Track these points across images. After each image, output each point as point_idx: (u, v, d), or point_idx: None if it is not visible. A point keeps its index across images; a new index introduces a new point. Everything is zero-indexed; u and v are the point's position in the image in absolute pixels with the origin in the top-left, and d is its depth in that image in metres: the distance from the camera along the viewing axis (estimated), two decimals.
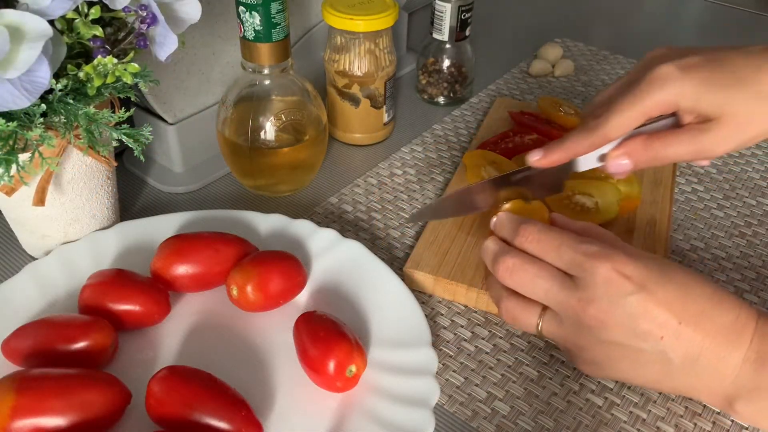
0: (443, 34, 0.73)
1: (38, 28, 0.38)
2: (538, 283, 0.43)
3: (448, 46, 0.75)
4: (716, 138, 0.44)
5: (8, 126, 0.40)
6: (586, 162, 0.48)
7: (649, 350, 0.40)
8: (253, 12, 0.52)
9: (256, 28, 0.53)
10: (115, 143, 0.47)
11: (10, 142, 0.41)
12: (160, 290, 0.48)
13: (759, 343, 0.39)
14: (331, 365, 0.42)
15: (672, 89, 0.44)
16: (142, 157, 0.49)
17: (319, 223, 0.60)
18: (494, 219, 0.48)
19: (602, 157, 0.47)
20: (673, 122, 0.47)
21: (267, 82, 0.58)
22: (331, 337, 0.43)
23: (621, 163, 0.47)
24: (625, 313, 0.40)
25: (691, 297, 0.40)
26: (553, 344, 0.50)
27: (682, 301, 0.40)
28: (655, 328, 0.39)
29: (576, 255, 0.42)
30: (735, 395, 0.40)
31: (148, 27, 0.43)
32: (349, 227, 0.60)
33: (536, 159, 0.48)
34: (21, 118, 0.42)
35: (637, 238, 0.57)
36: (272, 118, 0.58)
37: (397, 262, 0.57)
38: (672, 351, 0.40)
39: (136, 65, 0.44)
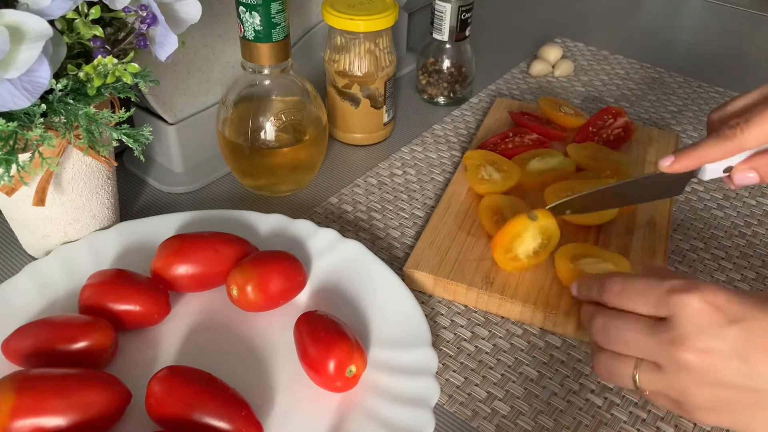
0: (443, 34, 0.73)
1: (38, 28, 0.38)
2: (627, 336, 0.40)
3: (448, 46, 0.75)
4: None
5: (8, 126, 0.40)
6: (713, 171, 0.48)
7: (764, 388, 0.36)
8: (253, 12, 0.52)
9: (256, 28, 0.53)
10: (115, 143, 0.47)
11: (10, 142, 0.41)
12: (160, 290, 0.48)
13: None
14: (331, 365, 0.42)
15: None
16: (142, 157, 0.49)
17: (319, 223, 0.60)
18: (574, 284, 0.47)
19: (727, 169, 0.47)
20: None
21: (267, 82, 0.58)
22: (332, 337, 0.43)
23: (748, 176, 0.46)
24: (727, 348, 0.36)
25: None
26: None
27: None
28: (765, 359, 0.35)
29: (661, 294, 0.38)
30: None
31: (148, 27, 0.43)
32: (349, 227, 0.60)
33: (667, 165, 0.48)
34: (21, 118, 0.42)
35: (637, 238, 0.57)
36: (272, 118, 0.58)
37: (397, 262, 0.57)
38: None
39: (136, 65, 0.44)
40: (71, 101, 0.43)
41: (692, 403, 0.38)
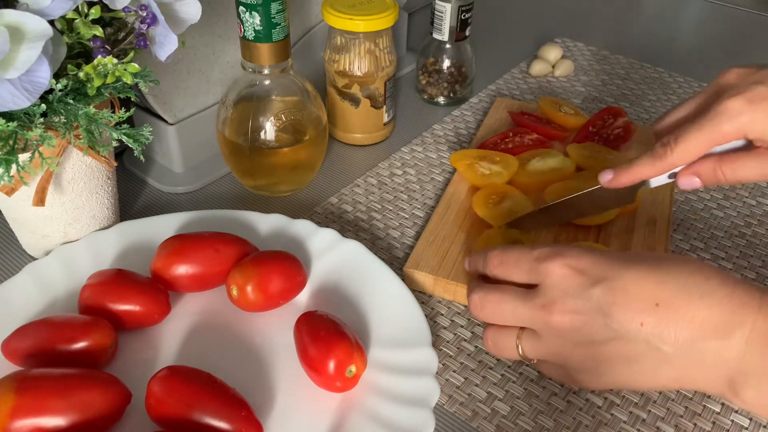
0: (443, 34, 0.73)
1: (38, 28, 0.38)
2: (503, 307, 0.42)
3: (448, 46, 0.75)
4: None
5: (8, 126, 0.40)
6: (658, 180, 0.49)
7: (633, 342, 0.37)
8: (253, 12, 0.52)
9: (256, 28, 0.53)
10: (115, 143, 0.47)
11: (10, 142, 0.41)
12: (160, 290, 0.48)
13: (765, 322, 0.36)
14: (331, 365, 0.42)
15: (740, 122, 0.44)
16: (142, 157, 0.49)
17: (319, 223, 0.60)
18: (466, 260, 0.49)
19: (672, 175, 0.48)
20: (744, 144, 0.46)
21: (267, 82, 0.58)
22: (332, 337, 0.43)
23: (692, 181, 0.47)
24: (593, 308, 0.38)
25: (666, 276, 0.37)
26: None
27: (655, 281, 0.37)
28: (630, 315, 0.37)
29: (532, 263, 0.41)
30: (741, 382, 0.36)
31: (148, 27, 0.43)
32: (349, 227, 0.60)
33: (607, 180, 0.50)
34: (21, 118, 0.42)
35: (637, 238, 0.57)
36: (272, 118, 0.58)
37: (397, 262, 0.57)
38: (658, 338, 0.37)
39: (136, 65, 0.44)
40: (71, 101, 0.43)
41: (572, 366, 0.40)
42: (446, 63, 0.76)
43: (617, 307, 0.37)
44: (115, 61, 0.42)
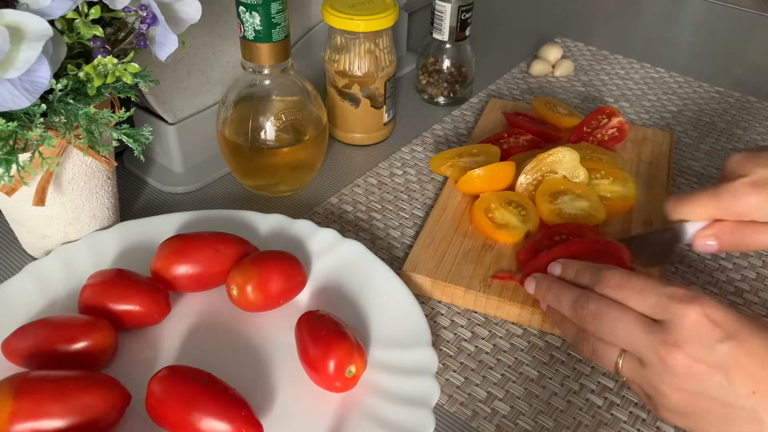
0: (443, 34, 0.73)
1: (38, 28, 0.38)
2: (621, 326, 0.41)
3: (448, 46, 0.75)
4: None
5: (8, 126, 0.40)
6: (687, 235, 0.49)
7: (738, 406, 0.37)
8: (253, 12, 0.52)
9: (256, 28, 0.53)
10: (115, 143, 0.47)
11: (10, 142, 0.41)
12: (160, 290, 0.48)
13: None
14: (331, 365, 0.42)
15: (741, 203, 0.45)
16: (142, 157, 0.49)
17: (319, 223, 0.60)
18: (561, 265, 0.48)
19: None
20: None
21: (267, 82, 0.58)
22: (332, 337, 0.43)
23: (708, 244, 0.48)
24: (715, 363, 0.37)
25: None
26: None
27: None
28: (747, 382, 0.37)
29: (661, 298, 0.40)
30: None
31: (148, 27, 0.43)
32: (349, 227, 0.60)
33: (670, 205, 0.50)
34: (21, 118, 0.42)
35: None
36: (272, 118, 0.58)
37: (397, 262, 0.57)
38: (764, 410, 0.37)
39: (136, 65, 0.44)
40: (71, 101, 0.43)
41: (664, 403, 0.40)
42: (446, 63, 0.76)
43: (737, 368, 0.37)
44: (115, 61, 0.42)
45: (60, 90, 0.43)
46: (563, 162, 0.60)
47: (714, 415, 0.38)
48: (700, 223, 0.48)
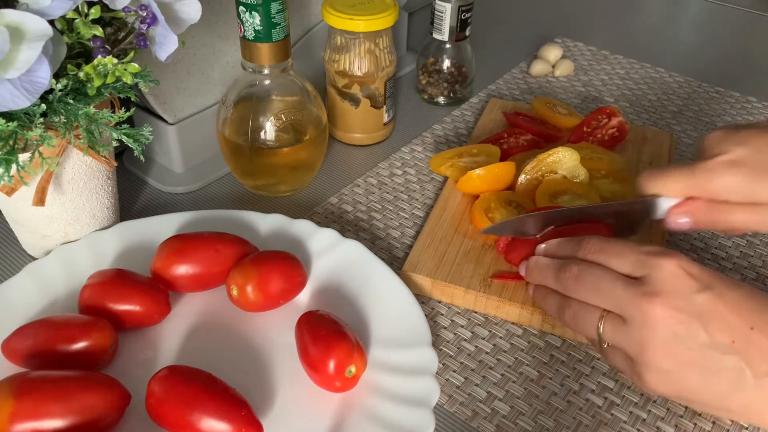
0: (443, 34, 0.73)
1: (38, 28, 0.38)
2: (602, 283, 0.42)
3: (448, 46, 0.75)
4: None
5: (8, 126, 0.40)
6: (660, 210, 0.49)
7: (719, 356, 0.38)
8: (253, 12, 0.52)
9: (256, 28, 0.53)
10: (115, 143, 0.47)
11: (10, 142, 0.41)
12: (160, 290, 0.48)
13: None
14: (331, 365, 0.42)
15: (717, 182, 0.45)
16: (142, 157, 0.49)
17: (319, 223, 0.60)
18: (545, 245, 0.49)
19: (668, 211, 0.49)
20: None
21: (267, 82, 0.58)
22: (332, 337, 0.43)
23: (681, 221, 0.48)
24: (693, 312, 0.38)
25: (763, 304, 0.38)
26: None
27: (752, 307, 0.38)
28: (726, 331, 0.37)
29: (640, 255, 0.41)
30: None
31: (148, 27, 0.43)
32: (349, 227, 0.60)
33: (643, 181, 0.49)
34: (21, 118, 0.42)
35: (634, 239, 0.57)
36: (272, 118, 0.58)
37: (397, 262, 0.57)
38: (744, 360, 0.37)
39: (136, 65, 0.44)
40: (71, 101, 0.43)
41: (647, 360, 0.40)
42: (446, 63, 0.76)
43: (716, 317, 0.38)
44: (115, 61, 0.42)
45: (60, 90, 0.43)
46: (563, 162, 0.60)
47: (696, 368, 0.38)
48: (674, 199, 0.48)
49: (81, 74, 0.43)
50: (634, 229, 0.53)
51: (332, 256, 0.53)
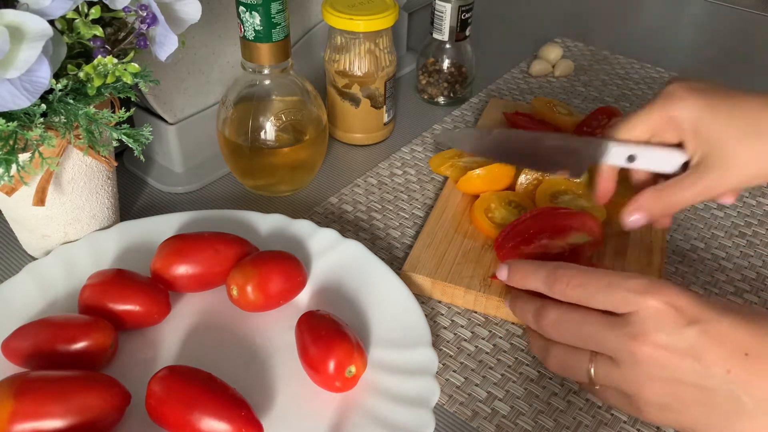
0: (443, 34, 0.73)
1: (38, 28, 0.38)
2: (585, 329, 0.40)
3: (448, 46, 0.75)
4: (717, 176, 0.45)
5: (8, 126, 0.40)
6: (616, 158, 0.49)
7: (715, 388, 0.37)
8: (253, 12, 0.52)
9: (256, 28, 0.53)
10: (115, 143, 0.47)
11: (10, 142, 0.41)
12: (160, 290, 0.48)
13: None
14: (331, 365, 0.42)
15: (675, 103, 0.46)
16: (142, 157, 0.49)
17: (319, 223, 0.60)
18: (506, 268, 0.46)
19: (630, 158, 0.49)
20: (678, 171, 0.48)
21: (267, 82, 0.58)
22: (332, 337, 0.43)
23: (635, 219, 0.48)
24: (684, 348, 0.37)
25: (759, 328, 0.37)
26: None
27: (747, 332, 0.37)
28: (719, 360, 0.36)
29: (625, 293, 0.39)
30: None
31: (148, 27, 0.43)
32: (349, 227, 0.60)
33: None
34: (21, 118, 0.42)
35: (633, 238, 0.57)
36: (272, 118, 0.58)
37: (397, 262, 0.57)
38: (742, 388, 0.36)
39: (136, 65, 0.44)
40: (71, 101, 0.43)
41: (644, 398, 0.39)
42: (446, 63, 0.76)
43: (708, 350, 0.37)
44: (115, 61, 0.42)
45: (60, 90, 0.43)
46: None
47: (694, 402, 0.38)
48: (625, 146, 0.48)
49: (81, 74, 0.43)
50: (580, 171, 0.52)
51: (332, 256, 0.53)
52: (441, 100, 0.78)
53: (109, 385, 0.41)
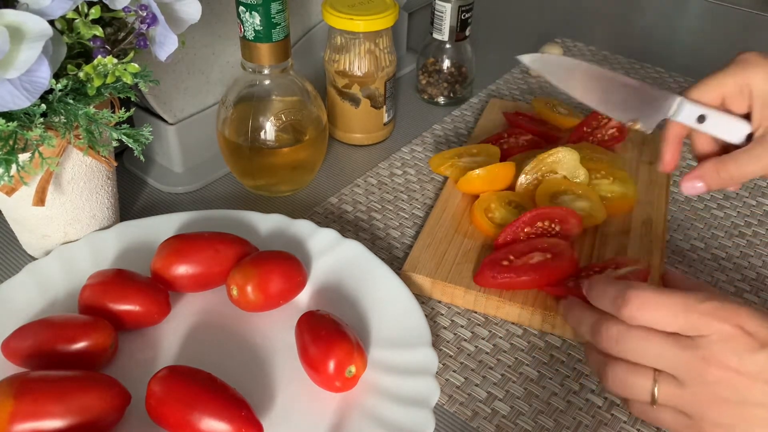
0: (443, 34, 0.73)
1: (38, 28, 0.38)
2: (650, 346, 0.39)
3: (448, 46, 0.75)
4: None
5: (8, 126, 0.40)
6: (688, 115, 0.48)
7: None
8: (253, 12, 0.52)
9: (256, 28, 0.53)
10: (115, 143, 0.47)
11: (10, 142, 0.41)
12: (160, 290, 0.48)
13: None
14: (331, 365, 0.42)
15: (749, 70, 0.46)
16: (142, 157, 0.49)
17: (319, 223, 0.60)
18: (587, 284, 0.44)
19: (701, 118, 0.48)
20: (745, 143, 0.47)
21: (267, 82, 0.58)
22: (332, 337, 0.43)
23: (695, 186, 0.48)
24: (755, 372, 0.37)
25: None
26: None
27: None
28: None
29: (695, 316, 0.38)
30: None
31: (148, 27, 0.43)
32: (349, 227, 0.60)
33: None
34: (21, 118, 0.42)
35: (633, 238, 0.57)
36: (272, 118, 0.58)
37: (397, 262, 0.57)
38: None
39: (136, 65, 0.44)
40: (71, 101, 0.43)
41: (710, 419, 0.38)
42: (446, 63, 0.76)
43: None
44: (115, 61, 0.42)
45: (60, 90, 0.43)
46: (563, 162, 0.60)
47: (761, 420, 0.37)
48: (698, 105, 0.47)
49: (81, 74, 0.43)
50: (652, 124, 0.50)
51: (332, 256, 0.53)
52: (441, 100, 0.78)
53: (109, 385, 0.41)
